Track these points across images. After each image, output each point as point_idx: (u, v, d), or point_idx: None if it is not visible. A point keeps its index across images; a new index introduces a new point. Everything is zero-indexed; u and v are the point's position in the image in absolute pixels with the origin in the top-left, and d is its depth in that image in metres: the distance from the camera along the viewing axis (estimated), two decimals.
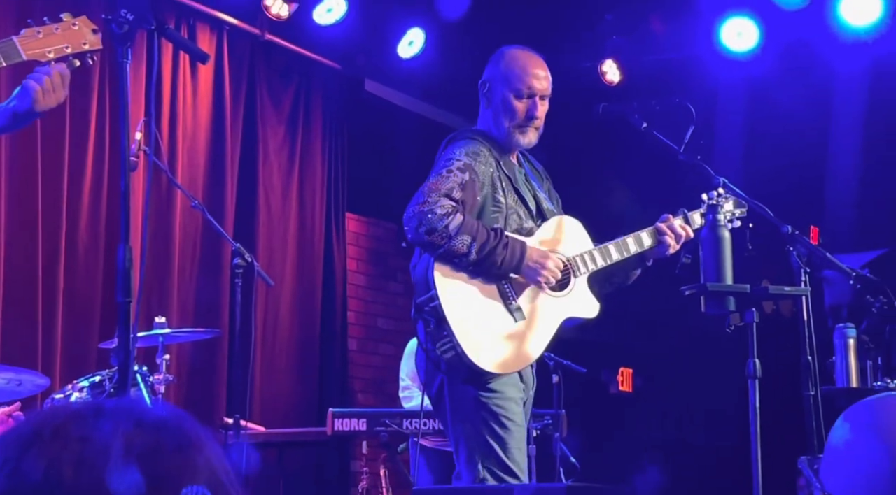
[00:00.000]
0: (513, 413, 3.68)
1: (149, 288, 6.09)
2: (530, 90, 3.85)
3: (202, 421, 1.16)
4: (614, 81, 7.83)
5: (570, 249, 3.85)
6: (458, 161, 3.70)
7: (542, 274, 3.69)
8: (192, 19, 6.70)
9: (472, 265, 3.61)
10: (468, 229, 3.58)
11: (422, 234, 3.56)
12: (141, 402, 1.19)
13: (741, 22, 7.23)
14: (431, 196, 3.59)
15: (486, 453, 3.62)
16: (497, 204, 3.76)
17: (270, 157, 7.22)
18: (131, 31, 2.80)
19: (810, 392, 3.72)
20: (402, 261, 8.56)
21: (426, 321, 3.66)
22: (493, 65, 3.97)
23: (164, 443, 1.08)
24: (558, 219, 3.91)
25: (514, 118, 3.85)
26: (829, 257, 3.88)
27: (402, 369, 6.26)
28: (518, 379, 3.76)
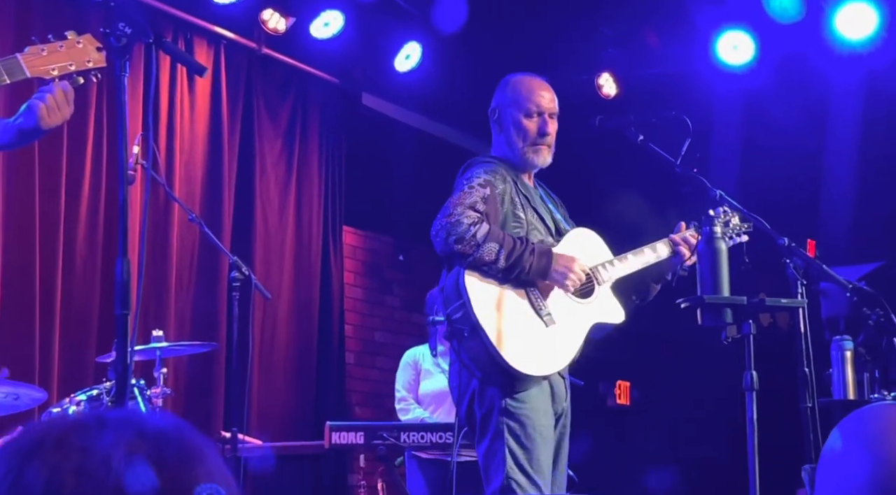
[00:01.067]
0: (542, 425, 3.76)
1: (146, 301, 6.09)
2: (538, 108, 4.00)
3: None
4: (611, 94, 7.85)
5: (590, 260, 3.97)
6: (479, 178, 3.83)
7: (569, 277, 3.79)
8: (189, 33, 6.71)
9: (501, 272, 3.72)
10: (495, 237, 3.69)
11: (451, 244, 3.67)
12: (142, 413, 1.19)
13: (737, 35, 7.25)
14: (457, 209, 3.71)
15: (512, 463, 3.69)
16: (517, 219, 3.88)
17: (267, 171, 7.23)
18: (129, 45, 2.81)
19: (807, 404, 3.73)
20: (399, 274, 8.61)
21: (460, 331, 3.73)
22: (499, 92, 4.11)
23: (165, 454, 1.09)
24: (577, 231, 4.06)
25: (526, 137, 3.99)
26: (825, 269, 3.89)
27: (398, 381, 6.26)
28: (549, 390, 3.83)
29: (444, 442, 5.42)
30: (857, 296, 4.24)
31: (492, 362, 3.68)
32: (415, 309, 8.01)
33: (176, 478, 1.08)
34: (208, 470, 1.10)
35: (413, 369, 6.23)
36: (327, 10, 6.95)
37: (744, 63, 7.30)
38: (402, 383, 6.22)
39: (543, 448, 3.75)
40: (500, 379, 3.72)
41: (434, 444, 5.45)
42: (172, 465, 1.08)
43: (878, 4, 6.65)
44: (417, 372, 6.22)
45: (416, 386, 6.21)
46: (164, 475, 1.07)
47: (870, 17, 6.70)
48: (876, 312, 4.45)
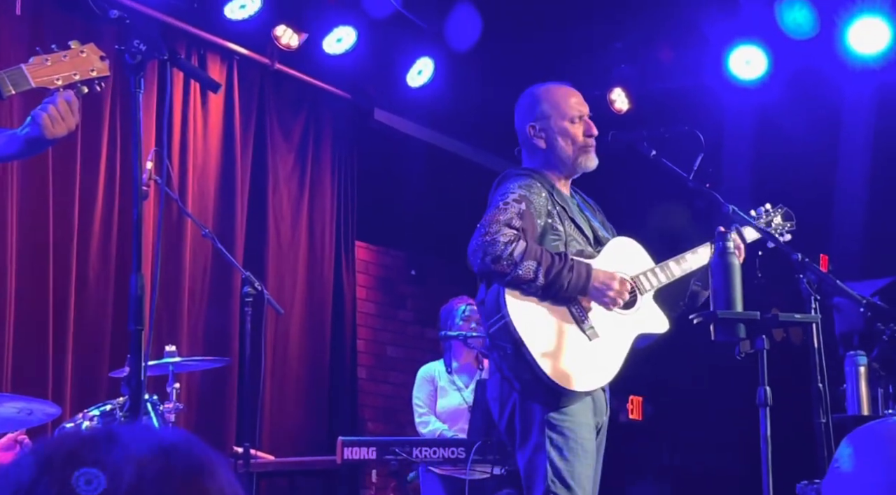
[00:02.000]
0: (584, 438, 3.73)
1: (159, 316, 6.09)
2: (580, 112, 4.03)
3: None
4: (623, 110, 7.85)
5: (632, 268, 3.95)
6: (513, 193, 3.80)
7: (608, 295, 3.76)
8: (202, 49, 6.75)
9: (540, 290, 3.69)
10: (532, 255, 3.66)
11: (488, 264, 3.64)
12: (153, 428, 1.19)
13: (749, 50, 7.24)
14: (493, 227, 3.68)
15: (554, 476, 3.67)
16: (556, 232, 3.85)
17: (280, 186, 7.24)
18: (144, 62, 2.82)
19: (821, 420, 3.71)
20: (411, 288, 8.61)
21: (502, 348, 3.71)
22: (532, 106, 4.07)
23: (175, 469, 1.08)
24: (617, 240, 4.04)
25: (575, 141, 3.99)
26: (839, 284, 3.88)
27: (416, 396, 6.24)
28: (591, 404, 3.81)
29: (456, 458, 5.40)
30: (870, 312, 4.23)
31: (536, 379, 3.66)
32: (427, 323, 8.01)
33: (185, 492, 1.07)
34: (220, 486, 1.10)
35: (430, 384, 6.22)
36: (340, 25, 6.96)
37: (756, 78, 7.29)
38: (421, 398, 6.20)
39: (585, 461, 3.73)
40: (544, 396, 3.69)
41: (446, 460, 5.43)
42: (183, 480, 1.08)
43: (891, 19, 6.64)
44: (435, 388, 6.21)
45: (434, 401, 6.19)
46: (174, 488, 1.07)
47: (883, 31, 6.69)
48: (890, 327, 4.44)
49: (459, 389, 6.12)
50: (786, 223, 4.28)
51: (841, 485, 1.67)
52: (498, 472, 5.29)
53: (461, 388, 6.12)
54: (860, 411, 4.81)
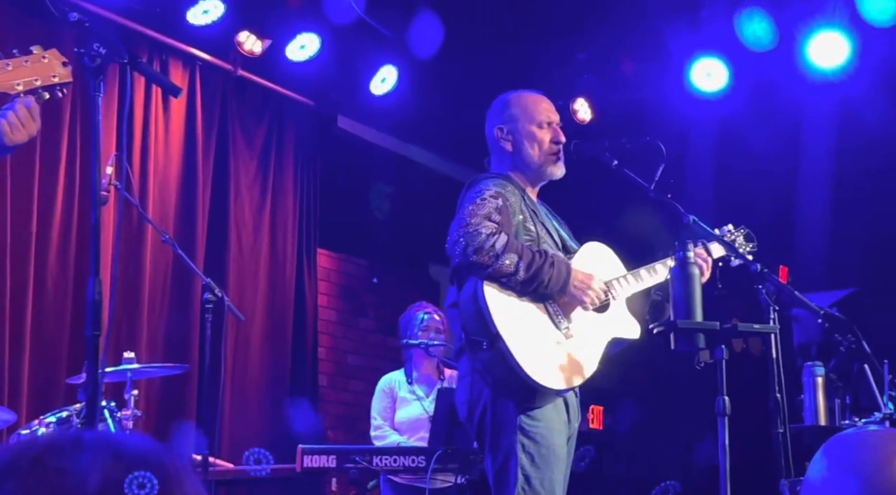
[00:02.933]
0: (556, 445, 3.71)
1: (118, 322, 6.05)
2: (549, 118, 4.05)
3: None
4: (586, 120, 7.88)
5: (605, 273, 3.96)
6: (489, 190, 3.80)
7: (587, 294, 3.77)
8: (164, 54, 6.70)
9: (520, 284, 3.67)
10: (514, 248, 3.65)
11: (469, 254, 3.62)
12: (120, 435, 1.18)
13: (711, 63, 7.29)
14: (473, 219, 3.67)
15: (525, 483, 3.65)
16: (529, 232, 3.86)
17: (242, 193, 7.21)
18: (103, 65, 2.80)
19: (779, 429, 3.74)
20: (373, 297, 8.59)
21: (477, 342, 3.67)
22: (502, 110, 4.10)
23: None
24: (591, 244, 4.05)
25: (542, 147, 4.01)
26: (797, 295, 3.91)
27: (373, 408, 6.22)
28: (564, 410, 3.79)
29: (416, 466, 5.39)
30: (828, 323, 4.26)
31: (511, 375, 3.61)
32: (389, 332, 7.99)
33: None
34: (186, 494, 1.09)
35: (389, 396, 6.19)
36: (303, 32, 6.95)
37: (717, 90, 7.35)
38: (377, 410, 6.18)
39: (557, 468, 3.71)
40: (519, 393, 3.66)
41: (407, 468, 5.42)
42: None
43: (849, 34, 6.71)
44: (393, 400, 6.18)
45: (391, 413, 6.17)
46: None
47: (841, 46, 6.76)
48: (847, 339, 4.47)
49: (420, 399, 6.10)
50: (747, 244, 4.33)
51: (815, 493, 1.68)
52: (460, 481, 5.28)
53: (421, 398, 6.11)
54: (817, 421, 4.84)
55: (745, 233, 4.37)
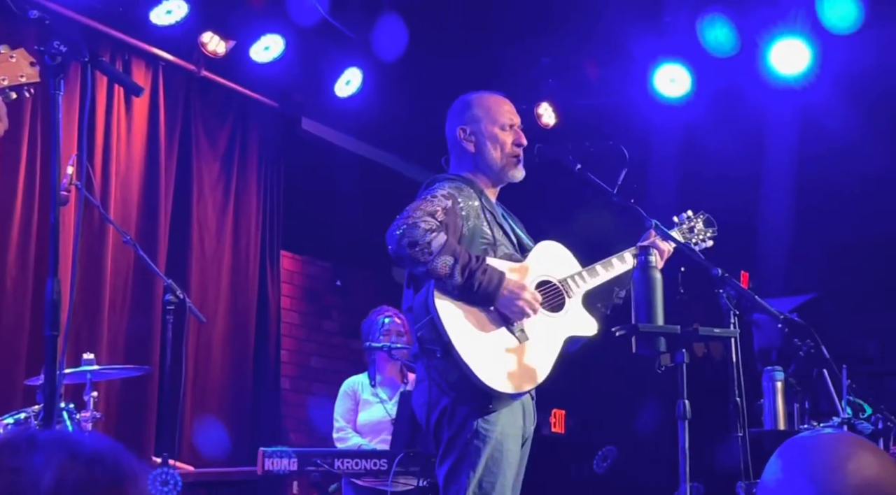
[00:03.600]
0: (509, 450, 3.72)
1: (78, 323, 6.00)
2: (511, 121, 4.06)
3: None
4: (550, 124, 7.90)
5: (560, 271, 3.97)
6: (442, 191, 3.81)
7: (517, 303, 3.74)
8: (127, 54, 6.66)
9: (457, 289, 3.66)
10: (450, 250, 3.64)
11: (404, 247, 3.61)
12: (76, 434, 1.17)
13: (674, 68, 7.33)
14: (416, 213, 3.67)
15: (476, 486, 3.66)
16: (484, 236, 3.86)
17: (205, 194, 7.17)
18: (64, 63, 2.78)
19: (739, 433, 3.76)
20: (336, 299, 8.57)
21: (431, 351, 3.68)
22: (464, 111, 4.10)
23: (98, 477, 1.07)
24: (544, 243, 4.04)
25: (504, 149, 4.01)
26: (757, 300, 3.93)
27: (336, 410, 6.21)
28: (520, 412, 3.80)
29: (378, 470, 5.38)
30: (788, 328, 4.30)
31: (466, 381, 3.63)
32: (352, 335, 7.97)
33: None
34: (141, 493, 1.08)
35: (352, 399, 6.19)
36: (268, 34, 6.92)
37: (681, 95, 7.38)
38: (340, 412, 6.18)
39: (509, 473, 3.73)
40: (475, 399, 3.67)
41: (369, 471, 5.41)
42: (104, 487, 1.06)
43: (810, 41, 6.77)
44: (356, 402, 6.18)
45: (354, 415, 6.17)
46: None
47: (802, 53, 6.82)
48: (807, 343, 4.51)
49: (383, 401, 6.10)
50: (707, 229, 4.35)
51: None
52: (422, 484, 5.28)
53: (384, 401, 6.11)
54: (776, 426, 4.87)
55: (704, 217, 4.39)
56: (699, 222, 4.36)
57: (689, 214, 4.38)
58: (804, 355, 4.59)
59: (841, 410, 4.72)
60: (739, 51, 6.90)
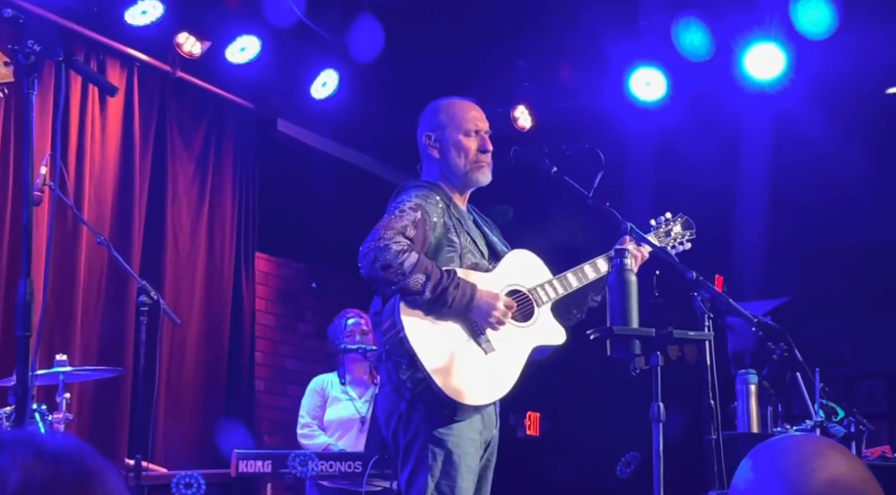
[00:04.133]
0: (467, 454, 3.74)
1: (51, 324, 5.96)
2: (477, 127, 4.06)
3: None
4: (526, 127, 7.91)
5: (530, 280, 3.99)
6: (410, 202, 3.82)
7: (492, 314, 3.78)
8: (101, 54, 6.62)
9: (426, 304, 3.70)
10: (422, 268, 3.67)
11: (377, 270, 3.63)
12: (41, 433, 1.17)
13: (650, 72, 7.36)
14: (387, 233, 3.68)
15: (434, 491, 3.68)
16: (451, 244, 3.88)
17: (180, 195, 7.14)
18: (38, 62, 2.76)
19: (712, 436, 3.77)
20: (312, 301, 8.55)
21: (397, 363, 3.72)
22: (431, 117, 4.12)
23: (63, 476, 1.06)
24: (515, 252, 4.07)
25: (468, 155, 4.02)
26: (732, 303, 3.94)
27: (303, 406, 6.23)
28: (479, 418, 3.81)
29: (352, 472, 5.37)
30: (762, 331, 4.30)
31: (431, 394, 3.67)
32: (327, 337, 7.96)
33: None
34: (107, 493, 1.07)
35: (320, 396, 6.20)
36: (244, 35, 6.90)
37: (656, 99, 7.41)
38: (307, 409, 6.19)
39: (468, 477, 3.75)
40: (436, 409, 3.70)
41: (343, 474, 5.40)
42: (70, 486, 1.06)
43: (784, 46, 6.81)
44: (324, 399, 6.19)
45: (321, 412, 6.18)
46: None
47: (777, 58, 6.85)
48: (780, 347, 4.53)
49: (352, 399, 6.11)
50: (685, 232, 4.38)
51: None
52: (394, 487, 5.28)
53: (354, 399, 6.11)
54: (750, 428, 4.89)
55: (683, 220, 4.41)
56: (677, 225, 4.38)
57: (667, 216, 4.40)
58: (777, 358, 4.60)
59: (814, 413, 4.74)
60: (715, 55, 6.93)
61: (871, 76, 7.07)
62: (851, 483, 1.64)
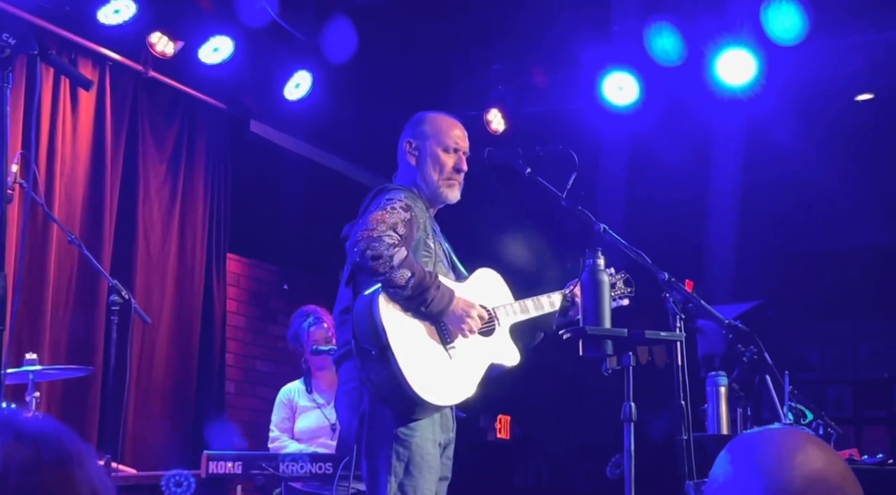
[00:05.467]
0: (429, 454, 3.80)
1: (20, 323, 5.92)
2: (457, 145, 4.14)
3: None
4: (499, 130, 7.92)
5: (493, 300, 4.11)
6: (401, 201, 3.88)
7: (466, 322, 3.87)
8: (73, 53, 6.58)
9: (405, 299, 3.75)
10: (409, 265, 3.73)
11: (367, 259, 3.69)
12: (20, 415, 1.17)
13: (622, 77, 7.39)
14: (380, 226, 3.74)
15: (396, 489, 3.72)
16: (427, 249, 3.97)
17: (151, 195, 7.11)
18: (12, 56, 2.75)
19: (683, 436, 3.79)
20: (283, 303, 8.53)
21: (366, 351, 3.73)
22: (415, 126, 4.20)
23: (44, 458, 1.06)
24: (484, 271, 4.20)
25: (443, 171, 4.11)
26: (702, 304, 3.98)
27: (272, 419, 6.20)
28: (437, 420, 3.87)
29: (323, 473, 5.36)
30: (732, 333, 4.34)
31: (396, 386, 3.69)
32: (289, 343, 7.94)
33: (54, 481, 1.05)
34: (88, 475, 1.08)
35: (288, 408, 6.17)
36: (217, 35, 6.88)
37: (629, 104, 7.44)
38: (275, 422, 6.17)
39: (430, 477, 3.79)
40: (400, 404, 3.74)
41: (314, 475, 5.39)
42: (50, 468, 1.06)
43: (755, 52, 6.86)
44: (293, 410, 6.16)
45: (290, 424, 6.15)
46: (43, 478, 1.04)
47: (748, 63, 6.90)
48: (750, 349, 4.55)
49: (320, 406, 6.10)
50: (626, 288, 4.51)
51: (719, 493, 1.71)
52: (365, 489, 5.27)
53: (322, 405, 6.10)
54: (720, 430, 4.92)
55: (625, 277, 4.52)
56: (620, 281, 4.51)
57: (611, 271, 4.45)
58: (747, 361, 4.63)
59: (783, 416, 4.77)
60: (686, 60, 6.96)
61: (841, 83, 7.13)
62: (831, 478, 1.65)
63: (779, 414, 4.80)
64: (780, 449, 1.67)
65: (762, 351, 4.54)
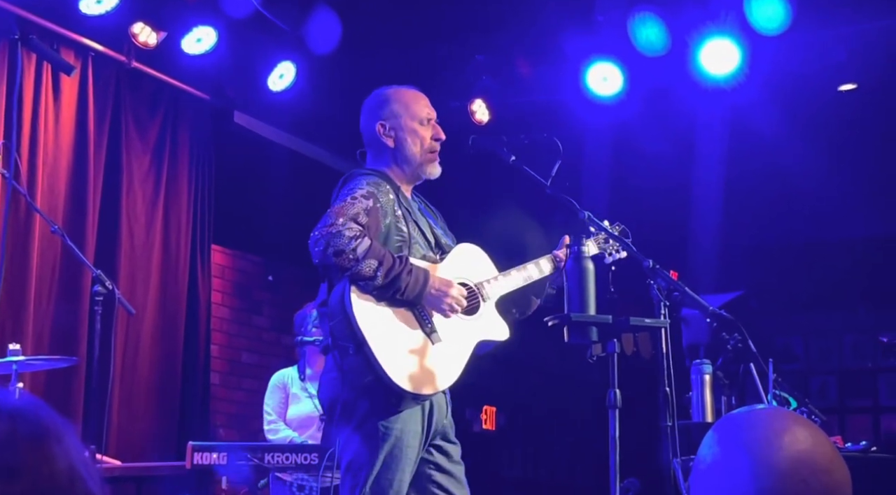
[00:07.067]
0: (408, 446, 3.73)
1: (3, 313, 5.91)
2: (430, 116, 4.08)
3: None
4: (483, 121, 7.93)
5: (476, 275, 4.00)
6: (362, 189, 3.79)
7: (445, 301, 3.78)
8: (55, 44, 6.52)
9: (377, 289, 3.67)
10: (375, 254, 3.64)
11: (329, 256, 3.60)
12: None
13: (606, 67, 7.39)
14: (339, 219, 3.64)
15: (372, 480, 3.66)
16: (400, 233, 3.86)
17: (135, 186, 7.08)
18: None
19: (668, 423, 3.80)
20: (268, 294, 8.52)
21: (343, 347, 3.68)
22: (381, 107, 4.10)
23: (20, 432, 1.06)
24: (462, 246, 4.07)
25: (423, 143, 4.03)
26: (687, 291, 3.98)
27: (267, 403, 6.19)
28: (426, 409, 3.80)
29: (308, 464, 5.36)
30: (716, 322, 4.35)
31: (376, 379, 3.64)
32: (283, 330, 7.94)
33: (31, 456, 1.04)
34: (66, 450, 1.07)
35: (282, 392, 6.18)
36: (200, 25, 6.85)
37: (613, 94, 7.45)
38: (271, 405, 6.16)
39: (407, 469, 3.73)
40: (382, 398, 3.67)
41: (299, 466, 5.39)
42: (27, 442, 1.05)
43: (739, 42, 6.87)
44: (286, 395, 6.16)
45: (285, 408, 6.15)
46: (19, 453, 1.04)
47: (732, 53, 6.91)
48: (734, 338, 4.57)
49: (312, 396, 6.09)
50: (615, 244, 4.41)
51: (707, 473, 1.71)
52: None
53: (313, 395, 6.09)
54: (704, 418, 4.94)
55: (620, 229, 4.43)
56: (616, 230, 4.41)
57: (605, 224, 4.41)
58: (732, 349, 4.65)
59: (767, 404, 4.79)
60: (670, 50, 6.98)
61: (825, 73, 7.15)
62: (818, 459, 1.66)
63: (763, 402, 4.82)
64: (767, 430, 1.67)
65: (746, 339, 4.56)
